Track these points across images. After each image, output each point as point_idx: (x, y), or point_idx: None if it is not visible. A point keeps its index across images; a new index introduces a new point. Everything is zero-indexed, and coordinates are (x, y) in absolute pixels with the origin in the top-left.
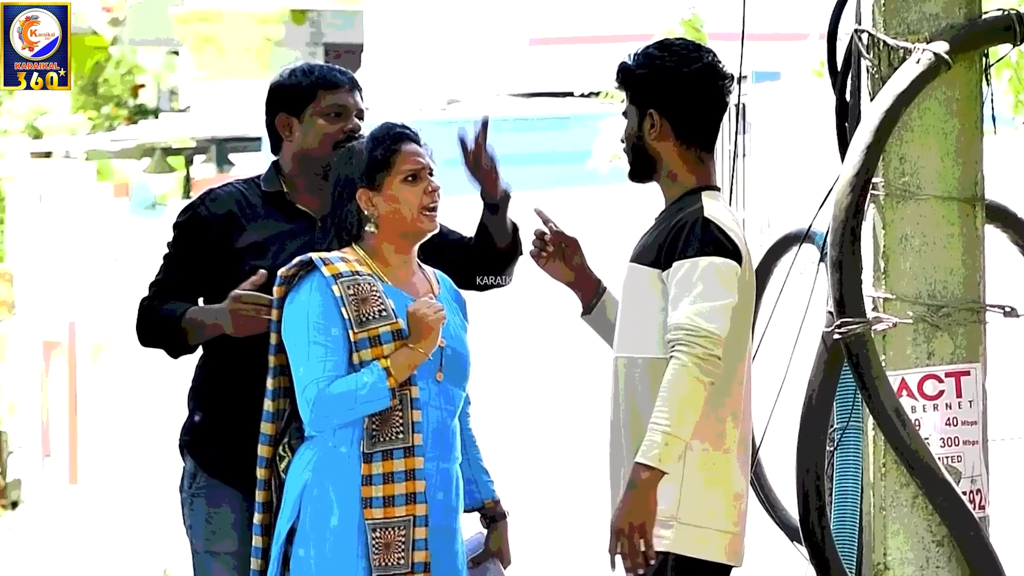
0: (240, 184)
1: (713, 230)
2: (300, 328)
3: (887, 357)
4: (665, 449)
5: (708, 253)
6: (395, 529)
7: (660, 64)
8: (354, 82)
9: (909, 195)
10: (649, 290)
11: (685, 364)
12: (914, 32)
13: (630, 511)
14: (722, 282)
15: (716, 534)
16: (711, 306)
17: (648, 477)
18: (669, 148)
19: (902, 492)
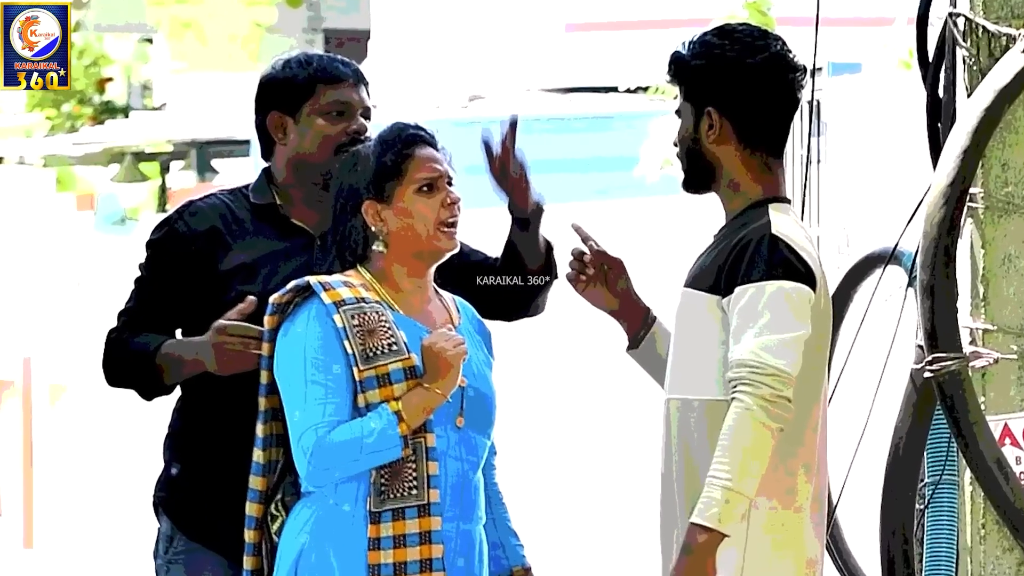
0: (225, 195)
1: (783, 249)
2: (296, 365)
3: (987, 399)
4: (726, 507)
5: (777, 276)
6: None
7: (720, 54)
8: (359, 75)
9: (1013, 208)
10: (707, 320)
11: (749, 407)
12: (1019, 16)
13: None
14: (793, 311)
15: None
16: (780, 339)
17: (706, 540)
18: (730, 153)
19: (1004, 558)
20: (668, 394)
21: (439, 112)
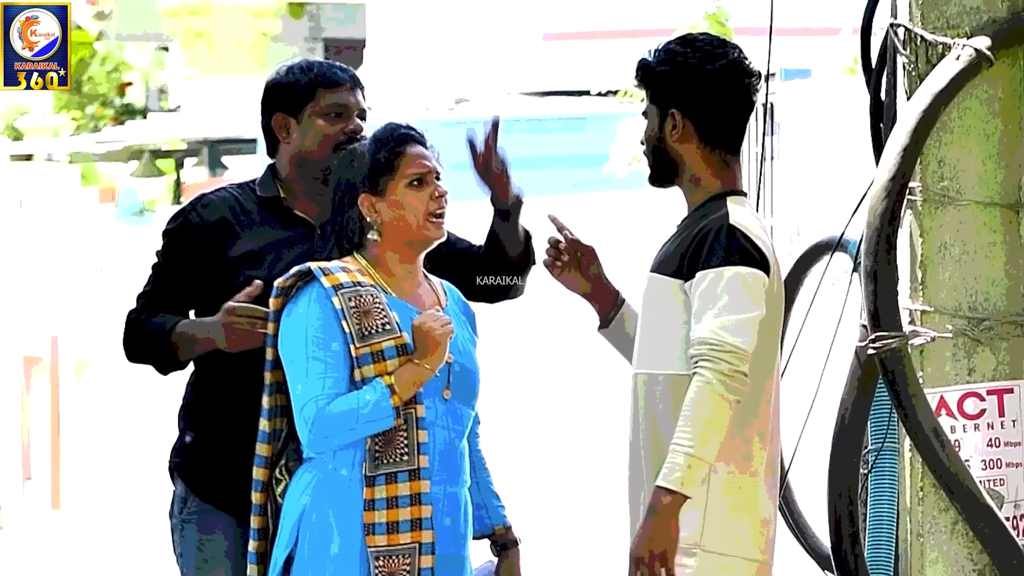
0: (234, 189)
1: (739, 238)
2: (298, 343)
3: (925, 374)
4: (688, 472)
5: (734, 263)
6: (400, 558)
7: (682, 61)
8: (356, 80)
9: (948, 200)
10: (671, 302)
11: (709, 381)
12: (954, 27)
13: (650, 538)
14: (749, 294)
15: (743, 563)
16: (737, 319)
17: (669, 502)
18: (692, 150)
19: (941, 518)
20: (635, 369)
21: (428, 113)
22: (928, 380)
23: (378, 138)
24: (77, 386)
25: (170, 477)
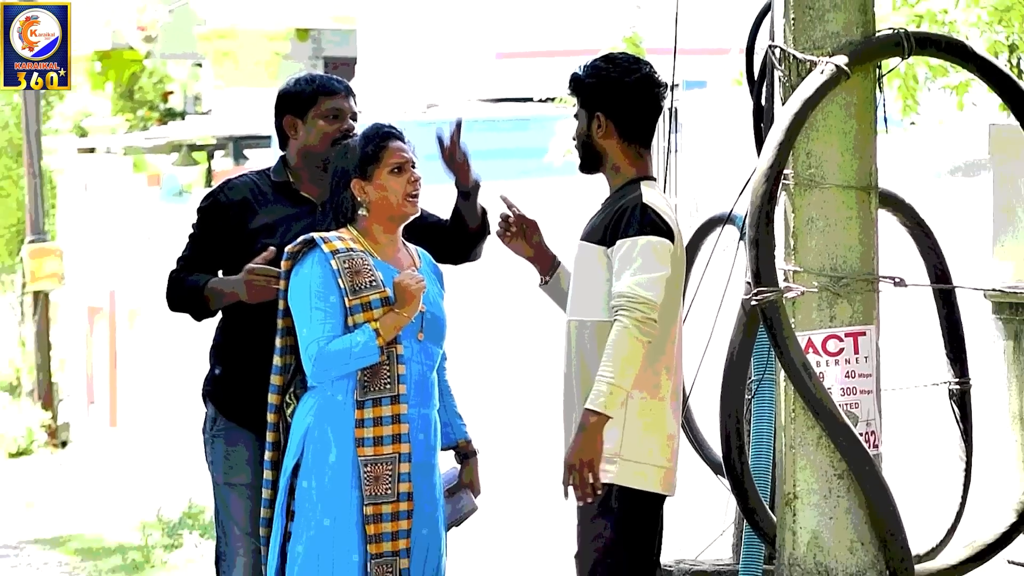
0: (253, 175)
1: (650, 214)
2: (304, 296)
3: (796, 320)
4: (610, 397)
5: (646, 233)
6: (383, 464)
7: (606, 74)
8: (349, 89)
9: (814, 184)
10: (596, 264)
11: (627, 326)
12: (819, 47)
13: (580, 450)
14: (658, 257)
15: (653, 468)
16: (648, 277)
17: (595, 421)
18: (613, 145)
19: (809, 434)
20: (568, 317)
21: (405, 115)
22: (798, 325)
23: (367, 135)
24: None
25: (203, 401)
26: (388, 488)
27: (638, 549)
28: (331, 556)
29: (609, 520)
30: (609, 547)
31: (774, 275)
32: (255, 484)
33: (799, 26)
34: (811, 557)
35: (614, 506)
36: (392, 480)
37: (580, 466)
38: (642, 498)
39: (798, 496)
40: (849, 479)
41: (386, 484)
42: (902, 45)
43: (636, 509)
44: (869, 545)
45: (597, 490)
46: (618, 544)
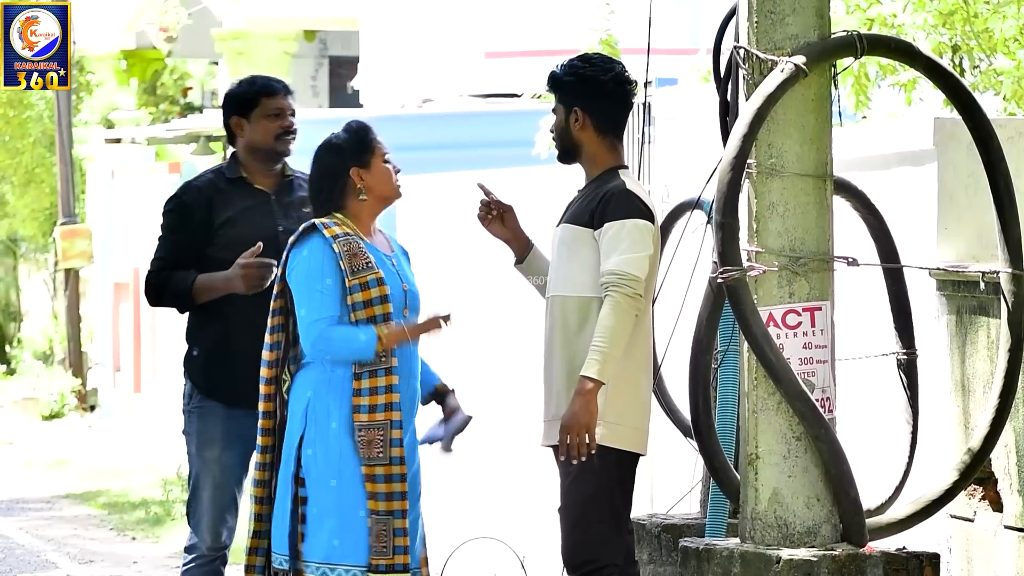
0: (209, 174)
1: (633, 199)
2: (306, 277)
3: (758, 296)
4: (604, 365)
5: (632, 216)
6: (376, 429)
7: (583, 73)
8: (288, 89)
9: (775, 173)
10: (582, 245)
11: (618, 301)
12: (779, 48)
13: (578, 412)
14: (642, 239)
15: (632, 430)
16: (635, 256)
17: (591, 387)
18: (590, 137)
19: (769, 399)
20: (551, 293)
21: (403, 110)
22: (760, 300)
23: (355, 129)
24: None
25: (184, 377)
26: (380, 452)
27: (617, 503)
28: (340, 513)
29: (592, 478)
30: (591, 502)
31: (738, 255)
32: (221, 458)
33: (761, 28)
34: (772, 512)
35: (596, 465)
36: (384, 444)
37: (578, 428)
38: (621, 457)
39: (760, 456)
40: (806, 441)
41: (378, 448)
42: (855, 46)
43: (616, 467)
44: (824, 501)
45: (592, 450)
46: (600, 499)
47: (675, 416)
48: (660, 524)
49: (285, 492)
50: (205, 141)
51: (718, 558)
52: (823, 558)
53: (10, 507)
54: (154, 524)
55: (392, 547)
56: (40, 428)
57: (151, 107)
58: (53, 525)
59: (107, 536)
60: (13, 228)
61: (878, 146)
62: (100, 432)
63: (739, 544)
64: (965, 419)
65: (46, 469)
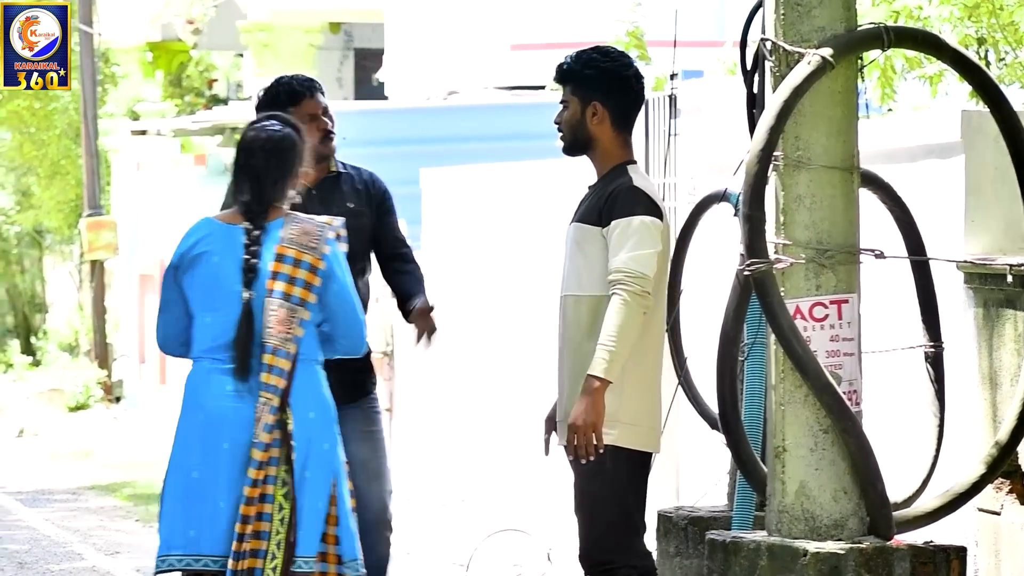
0: None
1: (641, 195)
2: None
3: (785, 288)
4: (611, 364)
5: (639, 213)
6: None
7: (603, 67)
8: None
9: (802, 165)
10: (592, 244)
11: (625, 300)
12: (806, 40)
13: (584, 412)
14: (650, 236)
15: (646, 430)
16: (643, 253)
17: (599, 386)
18: (606, 131)
19: (796, 392)
20: (564, 292)
21: (428, 102)
22: (787, 293)
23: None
24: None
25: None
26: None
27: (630, 504)
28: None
29: (604, 479)
30: (605, 504)
31: (765, 248)
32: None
33: (788, 21)
34: (799, 505)
35: (609, 465)
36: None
37: (585, 427)
38: (633, 457)
39: (787, 449)
40: (833, 434)
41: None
42: (882, 38)
43: (628, 468)
44: (851, 494)
45: (600, 449)
46: (613, 501)
47: (702, 409)
48: (687, 517)
49: (320, 493)
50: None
51: (745, 551)
52: (850, 551)
53: (36, 498)
54: None
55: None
56: (65, 419)
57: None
58: (79, 516)
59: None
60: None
61: (905, 139)
62: (125, 423)
63: (766, 537)
64: (992, 412)
65: (71, 460)
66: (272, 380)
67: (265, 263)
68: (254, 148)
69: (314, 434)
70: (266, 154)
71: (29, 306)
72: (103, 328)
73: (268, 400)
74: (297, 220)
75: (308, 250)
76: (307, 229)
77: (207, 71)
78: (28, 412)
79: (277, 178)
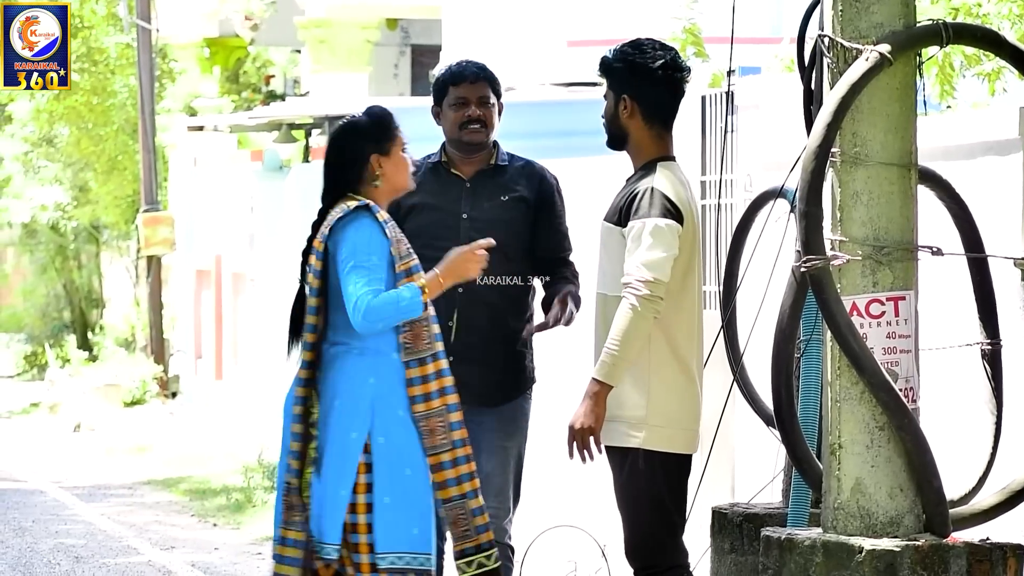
0: (424, 158)
1: (660, 197)
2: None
3: (842, 285)
4: (612, 368)
5: (654, 215)
6: (435, 418)
7: (632, 60)
8: (478, 75)
9: (859, 162)
10: (616, 243)
11: (632, 304)
12: (864, 36)
13: (583, 415)
14: (665, 239)
15: (678, 432)
16: (655, 258)
17: (599, 390)
18: (637, 125)
19: (853, 389)
20: (597, 290)
21: None
22: (844, 290)
23: (377, 113)
24: (234, 291)
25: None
26: (443, 438)
27: (668, 507)
28: (414, 501)
29: (640, 483)
30: (642, 508)
31: (822, 244)
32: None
33: (846, 17)
34: (854, 502)
35: (642, 468)
36: (445, 430)
37: (581, 431)
38: (668, 460)
39: (843, 446)
40: (889, 431)
41: (440, 435)
42: (941, 35)
43: (663, 471)
44: (907, 491)
45: (600, 451)
46: (650, 505)
47: (757, 405)
48: (742, 513)
49: (340, 481)
50: (287, 129)
51: (800, 548)
52: (906, 548)
53: (92, 493)
54: (235, 511)
55: (474, 527)
56: (121, 414)
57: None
58: (135, 511)
59: (188, 522)
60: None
61: (963, 135)
62: (181, 419)
63: (821, 534)
64: None
65: (127, 455)
66: (302, 372)
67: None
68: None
69: (335, 422)
70: (326, 149)
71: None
72: (160, 324)
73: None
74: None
75: (322, 236)
76: (332, 214)
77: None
78: (84, 407)
79: (335, 166)
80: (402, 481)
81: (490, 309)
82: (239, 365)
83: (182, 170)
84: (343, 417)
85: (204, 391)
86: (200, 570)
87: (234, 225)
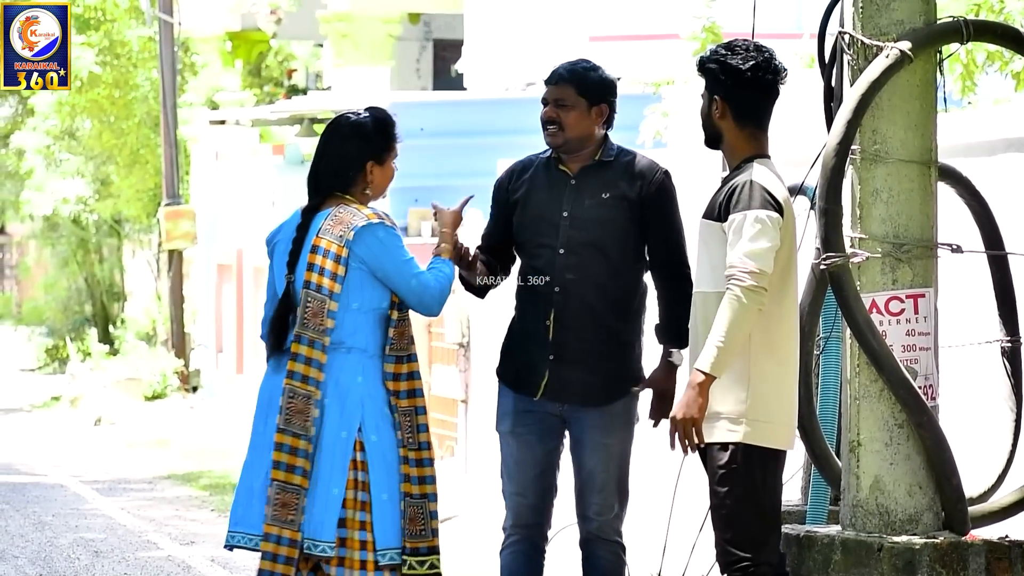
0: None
1: (759, 189)
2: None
3: (861, 282)
4: (716, 359)
5: (755, 207)
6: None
7: (724, 61)
8: (556, 76)
9: (879, 159)
10: (716, 240)
11: (737, 295)
12: (884, 33)
13: (686, 406)
14: (767, 230)
15: (777, 427)
16: (757, 248)
17: (703, 380)
18: (729, 126)
19: (872, 386)
20: (696, 289)
21: (507, 93)
22: (863, 287)
23: (382, 120)
24: (254, 285)
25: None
26: (410, 436)
27: (764, 502)
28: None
29: (737, 477)
30: (739, 502)
31: (842, 242)
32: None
33: (867, 14)
34: (873, 499)
35: (740, 463)
36: (412, 430)
37: (684, 422)
38: (765, 455)
39: (862, 443)
40: (908, 428)
41: (407, 432)
42: (961, 32)
43: (760, 465)
44: (926, 488)
45: (701, 444)
46: (747, 499)
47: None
48: None
49: (332, 479)
50: (309, 123)
51: (819, 545)
52: (924, 546)
53: (112, 487)
54: None
55: (431, 528)
56: (142, 408)
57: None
58: (155, 505)
59: (208, 517)
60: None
61: (984, 132)
62: (202, 413)
63: (840, 531)
64: None
65: (148, 449)
66: (312, 373)
67: (305, 251)
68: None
69: (331, 421)
70: (322, 142)
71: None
72: (181, 317)
73: (311, 393)
74: (341, 210)
75: (336, 239)
76: (343, 219)
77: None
78: (105, 401)
79: (331, 164)
80: (391, 478)
81: (588, 308)
82: (260, 359)
83: (204, 164)
84: (333, 416)
85: (225, 385)
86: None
87: (256, 219)
